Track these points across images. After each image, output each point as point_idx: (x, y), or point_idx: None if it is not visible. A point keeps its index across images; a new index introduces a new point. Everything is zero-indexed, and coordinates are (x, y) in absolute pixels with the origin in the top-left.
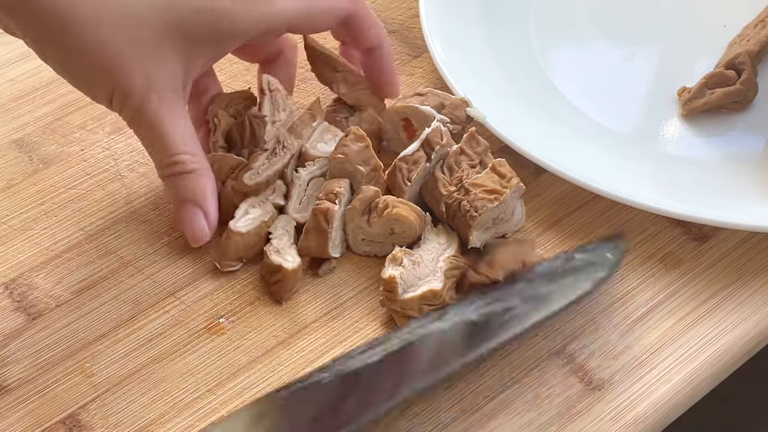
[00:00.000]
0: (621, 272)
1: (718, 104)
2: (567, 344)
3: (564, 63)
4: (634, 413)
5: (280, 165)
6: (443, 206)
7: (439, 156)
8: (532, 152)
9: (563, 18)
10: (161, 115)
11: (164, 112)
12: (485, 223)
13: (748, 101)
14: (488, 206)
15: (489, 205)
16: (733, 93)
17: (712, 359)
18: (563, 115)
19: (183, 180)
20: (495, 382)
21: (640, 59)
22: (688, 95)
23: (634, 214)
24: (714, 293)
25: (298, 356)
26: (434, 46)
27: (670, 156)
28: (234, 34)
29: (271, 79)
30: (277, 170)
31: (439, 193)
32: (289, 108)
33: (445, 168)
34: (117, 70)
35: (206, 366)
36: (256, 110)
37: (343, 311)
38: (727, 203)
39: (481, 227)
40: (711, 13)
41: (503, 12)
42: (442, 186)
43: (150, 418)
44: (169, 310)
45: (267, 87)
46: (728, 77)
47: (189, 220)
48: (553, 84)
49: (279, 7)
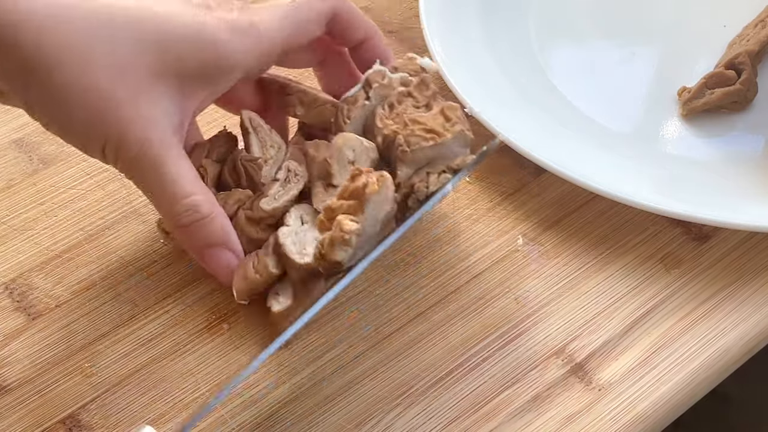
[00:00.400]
0: (621, 272)
1: (717, 104)
2: (567, 344)
3: (564, 63)
4: (634, 413)
5: (296, 190)
6: (380, 138)
7: (379, 95)
8: (532, 152)
9: (563, 18)
10: (163, 159)
11: (165, 154)
12: (418, 162)
13: (748, 101)
14: (422, 144)
15: (423, 143)
16: (732, 93)
17: (712, 359)
18: (563, 115)
19: (203, 226)
20: (495, 382)
21: (640, 59)
22: (687, 95)
23: (634, 214)
24: (714, 293)
25: (298, 356)
26: (434, 46)
27: (670, 156)
28: (228, 66)
29: (251, 114)
30: (294, 195)
31: (376, 127)
32: (276, 143)
33: (386, 105)
34: (112, 114)
35: (206, 366)
36: (245, 152)
37: (343, 312)
38: (727, 203)
39: (412, 165)
40: (711, 13)
41: (503, 12)
42: (379, 120)
43: (150, 418)
44: (169, 310)
45: (249, 124)
46: (728, 77)
47: (222, 263)
48: (553, 84)
49: (265, 28)
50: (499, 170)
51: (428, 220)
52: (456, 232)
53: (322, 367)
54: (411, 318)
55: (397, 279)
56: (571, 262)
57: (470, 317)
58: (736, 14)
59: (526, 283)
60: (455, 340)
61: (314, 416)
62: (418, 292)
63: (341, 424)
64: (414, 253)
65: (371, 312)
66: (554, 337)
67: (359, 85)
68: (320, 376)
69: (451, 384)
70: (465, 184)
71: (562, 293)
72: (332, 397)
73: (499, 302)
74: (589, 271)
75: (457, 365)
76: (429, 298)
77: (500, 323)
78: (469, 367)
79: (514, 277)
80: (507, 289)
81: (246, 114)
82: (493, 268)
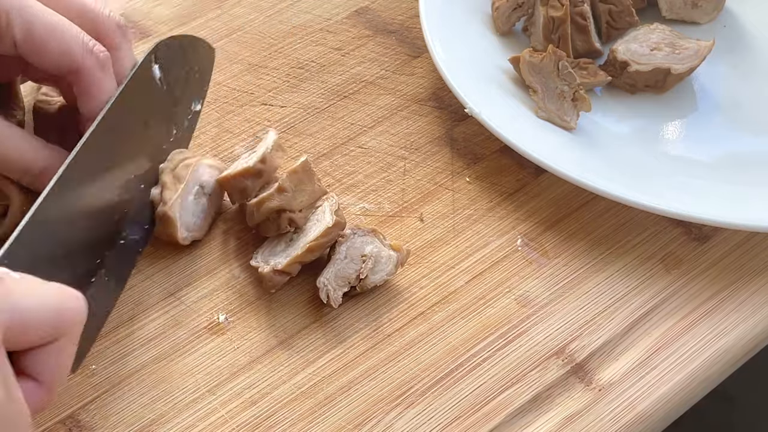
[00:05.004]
0: (621, 272)
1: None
2: (567, 344)
3: None
4: (634, 413)
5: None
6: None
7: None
8: (532, 152)
9: None
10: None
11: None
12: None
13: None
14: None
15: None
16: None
17: (712, 359)
18: None
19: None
20: (495, 382)
21: None
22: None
23: (634, 214)
24: (714, 293)
25: (298, 356)
26: (434, 46)
27: (670, 156)
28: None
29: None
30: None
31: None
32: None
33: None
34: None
35: (206, 366)
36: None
37: (343, 311)
38: (727, 203)
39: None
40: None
41: None
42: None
43: (150, 418)
44: (169, 310)
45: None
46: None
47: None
48: None
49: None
50: (499, 170)
51: (428, 220)
52: (456, 232)
53: (322, 367)
54: (411, 318)
55: (398, 279)
56: (571, 262)
57: (470, 317)
58: (736, 14)
59: (526, 283)
60: (455, 340)
61: (314, 416)
62: (418, 292)
63: (341, 424)
64: (414, 253)
65: (371, 312)
66: (554, 337)
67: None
68: (320, 376)
69: (451, 384)
70: (465, 184)
71: (562, 293)
72: (332, 397)
73: (499, 302)
74: (589, 271)
75: (457, 365)
76: (429, 298)
77: (500, 323)
78: (469, 368)
79: (514, 277)
80: (507, 289)
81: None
82: (493, 268)
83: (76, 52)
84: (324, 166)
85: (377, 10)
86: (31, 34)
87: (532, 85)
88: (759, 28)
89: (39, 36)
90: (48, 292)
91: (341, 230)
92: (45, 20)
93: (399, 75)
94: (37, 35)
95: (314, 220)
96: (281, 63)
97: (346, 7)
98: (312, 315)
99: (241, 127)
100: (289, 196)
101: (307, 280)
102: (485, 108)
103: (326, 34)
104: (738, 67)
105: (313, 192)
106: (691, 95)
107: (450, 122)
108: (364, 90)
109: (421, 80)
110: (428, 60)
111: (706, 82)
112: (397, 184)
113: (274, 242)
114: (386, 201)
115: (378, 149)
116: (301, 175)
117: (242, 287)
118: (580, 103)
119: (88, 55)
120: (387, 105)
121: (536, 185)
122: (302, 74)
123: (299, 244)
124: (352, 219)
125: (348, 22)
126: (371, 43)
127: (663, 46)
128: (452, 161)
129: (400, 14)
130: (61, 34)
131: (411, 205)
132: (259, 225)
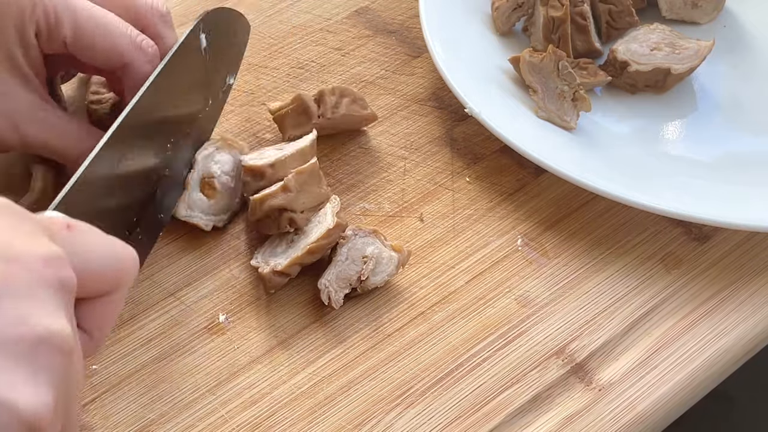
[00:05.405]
0: (621, 272)
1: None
2: (567, 344)
3: None
4: (634, 413)
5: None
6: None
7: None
8: (532, 152)
9: None
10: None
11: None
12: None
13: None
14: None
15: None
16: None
17: (712, 359)
18: None
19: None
20: (495, 382)
21: None
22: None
23: (634, 214)
24: (714, 293)
25: (298, 356)
26: (434, 46)
27: (670, 156)
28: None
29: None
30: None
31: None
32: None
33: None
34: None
35: (206, 366)
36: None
37: (342, 312)
38: (727, 203)
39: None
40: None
41: None
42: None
43: (150, 418)
44: (169, 310)
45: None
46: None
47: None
48: None
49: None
50: (499, 170)
51: (428, 220)
52: (456, 232)
53: (322, 367)
54: (411, 318)
55: (398, 279)
56: (571, 262)
57: (470, 317)
58: (736, 14)
59: (526, 283)
60: (455, 340)
61: (314, 416)
62: (418, 292)
63: (341, 424)
64: (414, 253)
65: (371, 312)
66: (554, 337)
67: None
68: (320, 376)
69: (451, 384)
70: (465, 184)
71: (562, 293)
72: (332, 397)
73: (499, 302)
74: (589, 271)
75: (457, 365)
76: (429, 298)
77: (500, 323)
78: (469, 368)
79: (514, 277)
80: (507, 289)
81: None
82: (493, 268)
83: (125, 48)
84: (324, 166)
85: (377, 10)
86: (81, 32)
87: (532, 85)
88: (759, 28)
89: (88, 34)
90: (111, 245)
91: (342, 232)
92: (93, 17)
93: (399, 75)
94: (86, 33)
95: (316, 222)
96: (281, 63)
97: (346, 7)
98: (312, 315)
99: (242, 127)
100: (293, 196)
101: (307, 281)
102: (485, 108)
103: (326, 34)
104: (738, 67)
105: (318, 195)
106: (691, 95)
107: (450, 122)
108: (364, 90)
109: (421, 80)
110: (428, 60)
111: (706, 82)
112: (397, 184)
113: (274, 242)
114: (386, 201)
115: (378, 149)
116: (307, 177)
117: (242, 287)
118: (580, 103)
119: (136, 51)
120: (387, 105)
121: (536, 185)
122: (302, 74)
123: (300, 245)
124: (352, 219)
125: (348, 22)
126: (371, 43)
127: (663, 46)
128: (452, 161)
129: (400, 14)
130: (109, 30)
131: (411, 205)
132: (260, 222)
